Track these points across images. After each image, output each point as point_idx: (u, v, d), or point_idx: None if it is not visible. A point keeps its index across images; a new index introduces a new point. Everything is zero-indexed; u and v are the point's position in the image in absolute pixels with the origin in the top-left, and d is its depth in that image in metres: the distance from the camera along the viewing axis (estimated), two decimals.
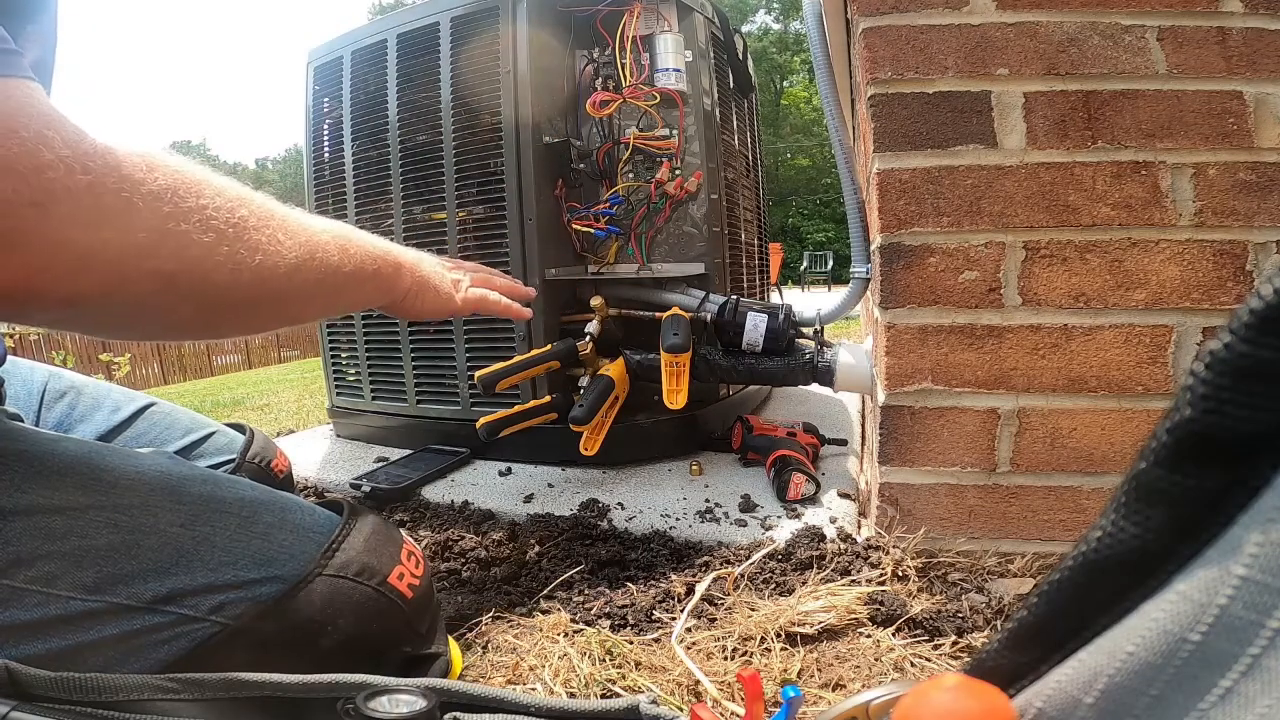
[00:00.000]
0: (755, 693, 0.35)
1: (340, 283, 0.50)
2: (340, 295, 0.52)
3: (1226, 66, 0.69)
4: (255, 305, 0.44)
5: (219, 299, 0.41)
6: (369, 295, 0.56)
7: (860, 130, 0.95)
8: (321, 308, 0.52)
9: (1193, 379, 0.14)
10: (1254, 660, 0.13)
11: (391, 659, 0.47)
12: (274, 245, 0.43)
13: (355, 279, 0.52)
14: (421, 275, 0.61)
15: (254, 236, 0.42)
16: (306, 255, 0.46)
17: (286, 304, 0.47)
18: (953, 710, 0.19)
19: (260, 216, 0.43)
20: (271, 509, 0.47)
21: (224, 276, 0.40)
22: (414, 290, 0.60)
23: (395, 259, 0.58)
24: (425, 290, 0.61)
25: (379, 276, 0.55)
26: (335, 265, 0.49)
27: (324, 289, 0.49)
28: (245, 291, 0.42)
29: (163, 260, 0.37)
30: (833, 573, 0.70)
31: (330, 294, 0.50)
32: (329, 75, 1.31)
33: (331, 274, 0.49)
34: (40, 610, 0.38)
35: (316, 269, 0.47)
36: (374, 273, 0.54)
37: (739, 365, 1.00)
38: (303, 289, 0.47)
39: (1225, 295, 0.70)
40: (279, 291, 0.45)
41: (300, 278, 0.45)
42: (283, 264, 0.44)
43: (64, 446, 0.43)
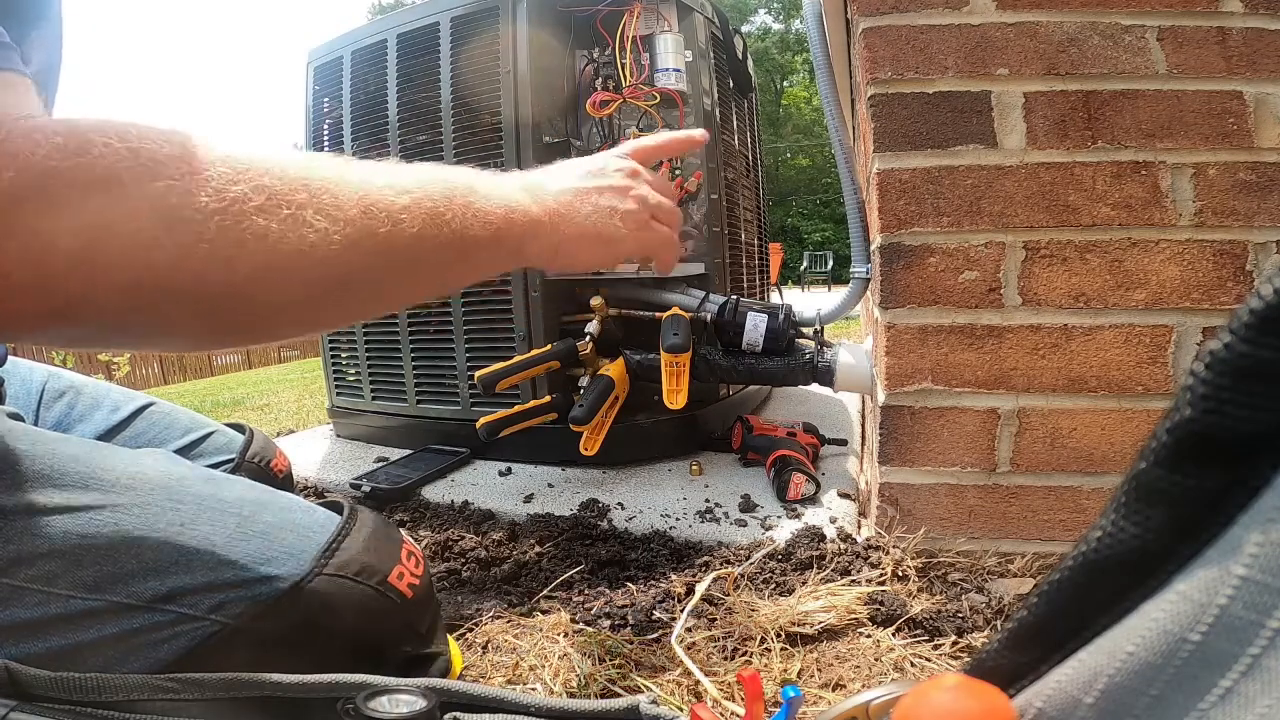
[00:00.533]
0: (755, 693, 0.35)
1: (425, 256, 0.40)
2: (428, 273, 0.42)
3: (1226, 66, 0.69)
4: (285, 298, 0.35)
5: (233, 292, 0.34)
6: (488, 263, 0.45)
7: (860, 130, 0.95)
8: (400, 291, 0.42)
9: (1193, 379, 0.14)
10: (1254, 660, 0.13)
11: (391, 659, 0.47)
12: (295, 230, 0.34)
13: (456, 249, 0.41)
14: (574, 229, 0.49)
15: (256, 222, 0.33)
16: (359, 233, 0.36)
17: (332, 291, 0.37)
18: (953, 710, 0.19)
19: (276, 190, 0.34)
20: (271, 508, 0.47)
21: (236, 266, 0.33)
22: (564, 248, 0.49)
23: (516, 215, 0.45)
24: (580, 244, 0.50)
25: (502, 241, 0.44)
26: (414, 238, 0.39)
27: (396, 267, 0.39)
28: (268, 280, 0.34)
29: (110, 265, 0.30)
30: (833, 573, 0.70)
31: (409, 273, 0.40)
32: (329, 75, 1.31)
33: (408, 248, 0.38)
34: (40, 609, 0.38)
35: (379, 248, 0.37)
36: (493, 237, 0.43)
37: (739, 365, 1.00)
38: (360, 273, 0.37)
39: (1225, 295, 0.70)
40: (319, 279, 0.36)
41: (350, 261, 0.36)
42: (311, 252, 0.35)
43: (64, 446, 0.43)
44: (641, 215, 0.54)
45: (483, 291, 1.14)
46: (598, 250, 0.52)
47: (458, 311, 1.17)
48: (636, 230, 0.53)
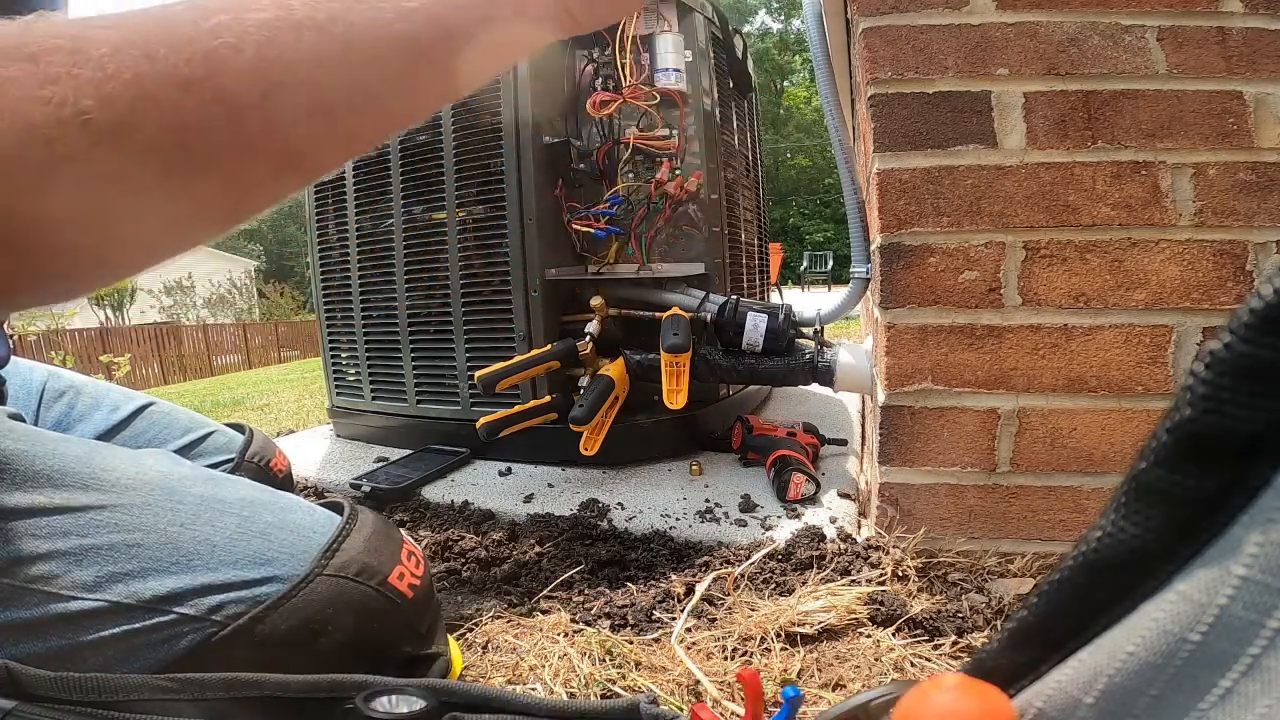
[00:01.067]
0: (755, 693, 0.35)
1: (406, 59, 0.29)
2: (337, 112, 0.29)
3: (1226, 66, 0.69)
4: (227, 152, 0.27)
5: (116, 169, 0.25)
6: (449, 70, 0.32)
7: (860, 130, 0.95)
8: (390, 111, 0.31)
9: (1193, 379, 0.14)
10: (1254, 660, 0.13)
11: (392, 659, 0.47)
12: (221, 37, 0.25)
13: (388, 62, 0.29)
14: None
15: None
16: (120, 89, 0.25)
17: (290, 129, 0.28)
18: (953, 710, 0.19)
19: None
20: (271, 509, 0.47)
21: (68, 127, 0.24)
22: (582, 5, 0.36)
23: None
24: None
25: (442, 31, 0.31)
26: (375, 41, 0.28)
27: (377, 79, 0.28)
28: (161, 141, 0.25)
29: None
30: (833, 573, 0.70)
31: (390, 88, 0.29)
32: None
33: (280, 67, 0.27)
34: (41, 609, 0.38)
35: (190, 104, 0.26)
36: (425, 29, 0.30)
37: (739, 365, 1.00)
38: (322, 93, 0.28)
39: (1225, 295, 0.70)
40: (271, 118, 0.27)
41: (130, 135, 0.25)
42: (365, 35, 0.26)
43: (65, 446, 0.43)
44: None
45: (482, 291, 1.14)
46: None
47: (458, 311, 1.17)
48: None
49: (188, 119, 0.26)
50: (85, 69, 0.24)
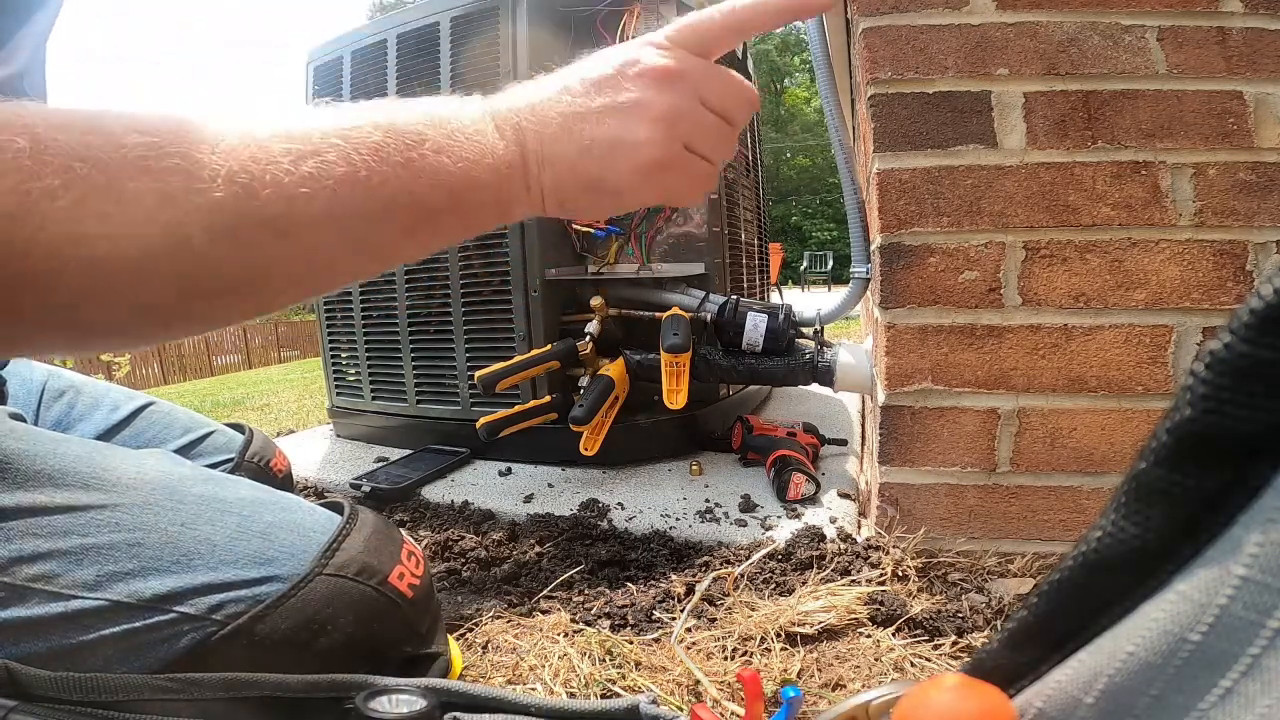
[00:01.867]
0: (755, 693, 0.35)
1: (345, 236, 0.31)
2: (354, 258, 0.33)
3: (1226, 66, 0.69)
4: (114, 325, 0.29)
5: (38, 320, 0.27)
6: (451, 231, 0.36)
7: (860, 130, 0.95)
8: (318, 284, 0.34)
9: (1193, 379, 0.14)
10: (1254, 660, 0.13)
11: (392, 659, 0.47)
12: (129, 226, 0.26)
13: (394, 222, 0.32)
14: (559, 175, 0.37)
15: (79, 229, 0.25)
16: (228, 221, 0.28)
17: (204, 304, 0.30)
18: (953, 710, 0.19)
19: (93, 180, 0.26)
20: (271, 508, 0.47)
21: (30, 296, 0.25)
22: (551, 200, 0.38)
23: (497, 171, 0.35)
24: (573, 195, 0.38)
25: (461, 209, 0.34)
26: (319, 219, 0.30)
27: (298, 260, 0.31)
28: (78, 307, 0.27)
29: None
30: (833, 573, 0.70)
31: (321, 264, 0.32)
32: (329, 75, 1.31)
33: (310, 234, 0.30)
34: (41, 608, 0.38)
35: (261, 238, 0.29)
36: (451, 204, 0.34)
37: (739, 365, 1.00)
38: (235, 275, 0.30)
39: (1225, 295, 0.70)
40: (167, 289, 0.28)
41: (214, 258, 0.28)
42: (155, 246, 0.27)
43: (66, 446, 0.43)
44: (662, 149, 0.37)
45: (482, 291, 1.14)
46: (599, 203, 0.39)
47: (458, 311, 1.17)
48: (651, 173, 0.38)
49: (255, 247, 0.29)
50: (196, 198, 0.27)
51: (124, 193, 0.26)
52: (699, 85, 0.39)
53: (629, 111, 0.37)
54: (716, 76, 0.40)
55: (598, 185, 0.38)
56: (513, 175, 0.36)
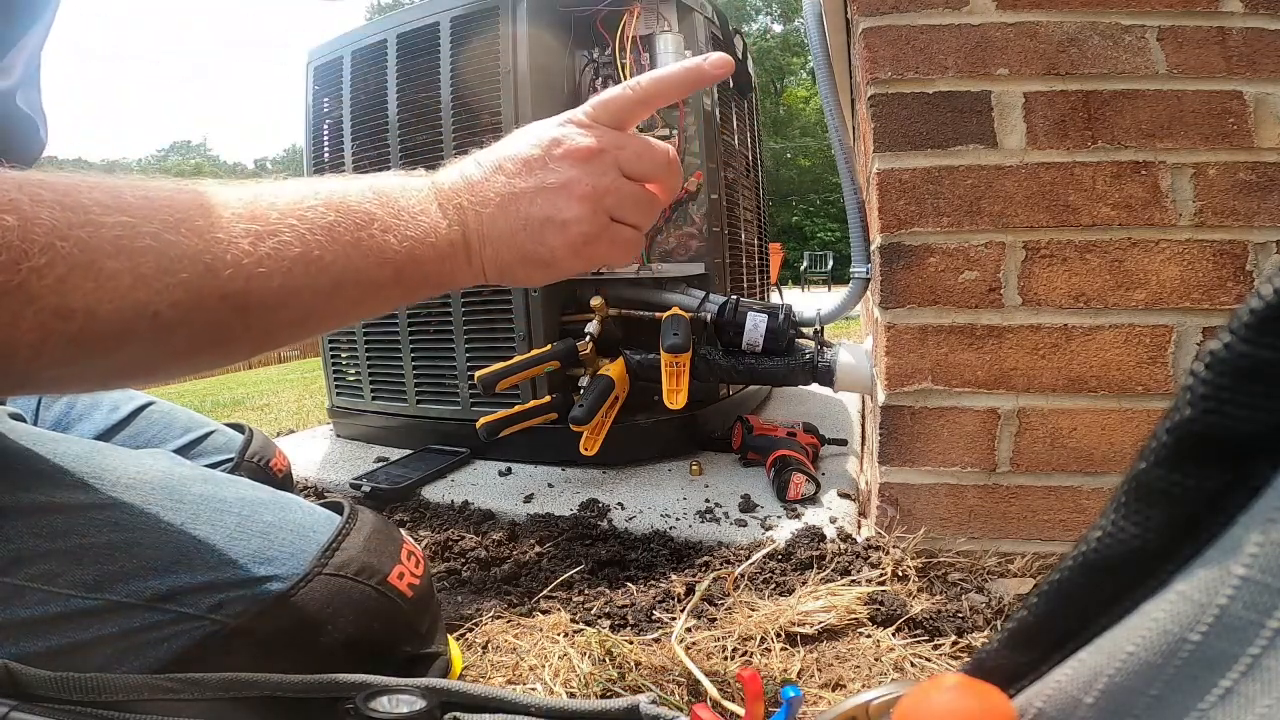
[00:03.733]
0: (755, 693, 0.35)
1: (303, 307, 0.35)
2: (303, 322, 0.36)
3: (1226, 66, 0.69)
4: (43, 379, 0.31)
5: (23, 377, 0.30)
6: (394, 300, 0.39)
7: (860, 130, 0.95)
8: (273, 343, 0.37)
9: (1193, 379, 0.14)
10: (1254, 660, 0.13)
11: (391, 658, 0.47)
12: (110, 301, 0.29)
13: (346, 297, 0.36)
14: (498, 250, 0.40)
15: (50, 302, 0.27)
16: (195, 299, 0.31)
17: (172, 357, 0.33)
18: (953, 710, 0.19)
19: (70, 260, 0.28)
20: (271, 508, 0.47)
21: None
22: (492, 271, 0.41)
23: (437, 249, 0.38)
24: (511, 267, 0.41)
25: (403, 282, 0.38)
26: (277, 294, 0.33)
27: (256, 330, 0.34)
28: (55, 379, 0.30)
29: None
30: (833, 573, 0.70)
31: (273, 332, 0.35)
32: (329, 75, 1.31)
33: (266, 310, 0.33)
34: (40, 608, 0.38)
35: (221, 312, 0.32)
36: (393, 279, 0.37)
37: (739, 365, 1.00)
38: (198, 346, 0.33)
39: (1225, 295, 0.70)
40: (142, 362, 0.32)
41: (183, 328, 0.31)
42: (108, 312, 0.29)
43: (65, 446, 0.43)
44: (589, 225, 0.41)
45: (482, 291, 1.14)
46: (534, 274, 0.42)
47: (458, 311, 1.17)
48: (580, 246, 0.41)
49: (217, 320, 0.32)
50: (166, 278, 0.30)
51: (102, 271, 0.28)
52: (618, 158, 0.42)
53: (557, 192, 0.40)
54: (633, 146, 0.43)
55: (533, 258, 0.41)
56: (454, 253, 0.39)
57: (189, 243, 0.31)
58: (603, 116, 0.43)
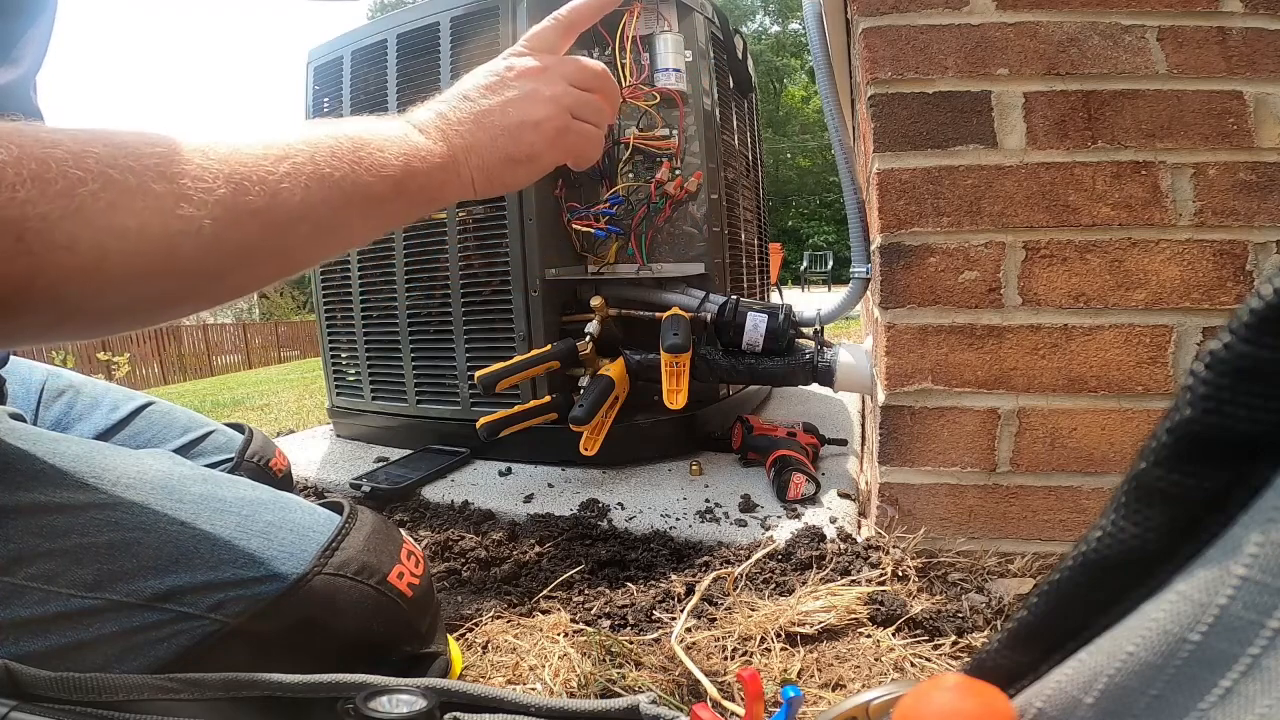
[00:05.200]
0: (755, 692, 0.35)
1: (325, 223, 0.39)
2: (330, 239, 0.40)
3: (1226, 66, 0.69)
4: (144, 300, 0.35)
5: (76, 310, 0.32)
6: (394, 216, 0.44)
7: (860, 130, 0.95)
8: (291, 264, 0.40)
9: (1193, 379, 0.14)
10: (1254, 660, 0.13)
11: (391, 658, 0.47)
12: (160, 220, 0.32)
13: (351, 209, 0.39)
14: (485, 159, 0.46)
15: (113, 219, 0.31)
16: (225, 217, 0.34)
17: (197, 284, 0.36)
18: (953, 710, 0.19)
19: (127, 184, 0.31)
20: (271, 508, 0.47)
21: (74, 288, 0.31)
22: (481, 180, 0.46)
23: (416, 159, 0.42)
24: (498, 171, 0.47)
25: (406, 189, 0.42)
26: (303, 207, 0.37)
27: (284, 246, 0.38)
28: (122, 291, 0.33)
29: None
30: (833, 573, 0.70)
31: (301, 245, 0.39)
32: (329, 75, 1.31)
33: (297, 222, 0.37)
34: (40, 607, 0.38)
35: (255, 228, 0.35)
36: (394, 187, 0.41)
37: (739, 365, 1.00)
38: (230, 258, 0.36)
39: (1225, 295, 0.70)
40: (183, 273, 0.34)
41: (221, 247, 0.35)
42: (183, 239, 0.33)
43: (65, 446, 0.43)
44: (558, 120, 0.48)
45: (482, 291, 1.14)
46: (519, 173, 0.48)
47: (458, 311, 1.17)
48: (555, 138, 0.48)
49: (246, 238, 0.36)
50: (206, 195, 0.33)
51: (149, 193, 0.32)
52: (562, 72, 0.49)
53: (524, 100, 0.48)
54: (572, 64, 0.50)
55: (516, 157, 0.47)
56: (445, 165, 0.44)
57: (218, 166, 0.34)
58: (538, 45, 0.51)
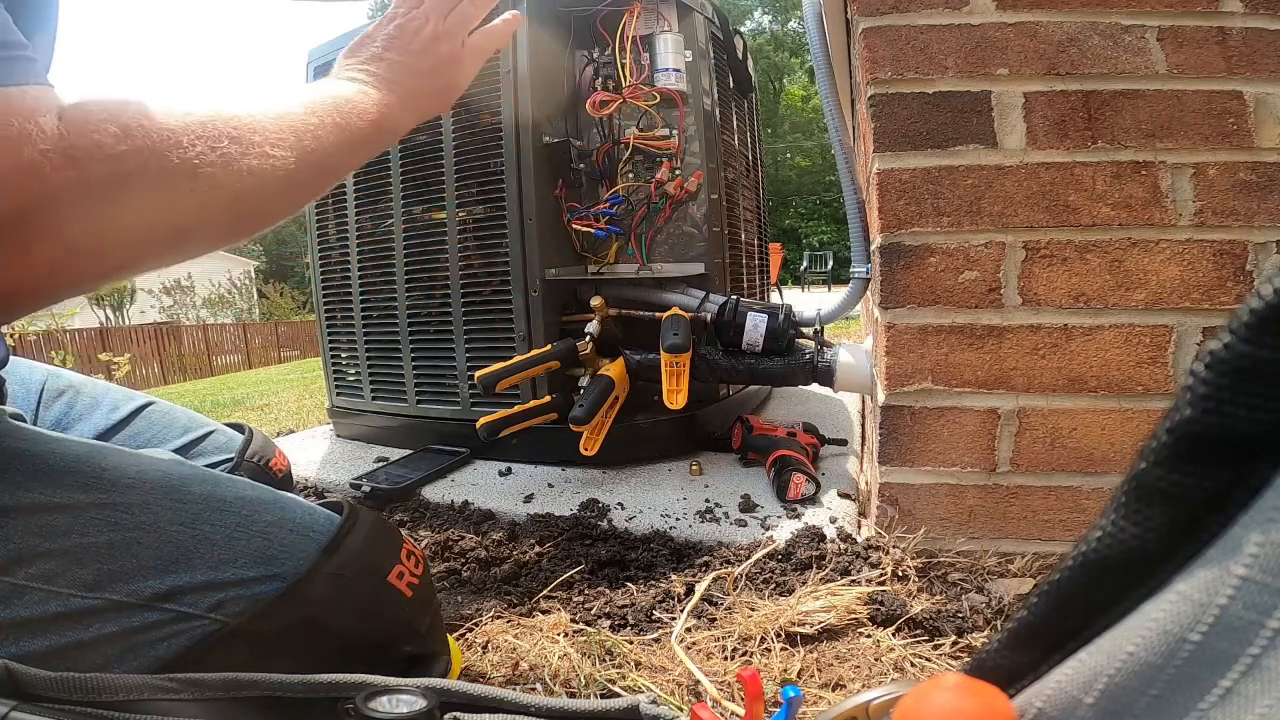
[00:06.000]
0: (755, 692, 0.35)
1: (341, 156, 0.51)
2: (344, 164, 0.53)
3: (1226, 66, 0.69)
4: (262, 214, 0.47)
5: (227, 226, 0.44)
6: (375, 147, 0.56)
7: (860, 130, 0.95)
8: (329, 181, 0.54)
9: (1193, 379, 0.14)
10: (1254, 660, 0.13)
11: (391, 658, 0.47)
12: (266, 162, 0.43)
13: (357, 145, 0.52)
14: (419, 94, 0.59)
15: (244, 164, 0.41)
16: (300, 154, 0.46)
17: (295, 197, 0.50)
18: (953, 710, 0.19)
19: (245, 139, 0.42)
20: (271, 508, 0.47)
21: (223, 211, 0.42)
22: (420, 111, 0.59)
23: (383, 106, 0.55)
24: (435, 100, 0.60)
25: (382, 128, 0.55)
26: (334, 144, 0.49)
27: (327, 169, 0.50)
28: (251, 209, 0.45)
29: (166, 219, 0.39)
30: (833, 573, 0.70)
31: (334, 169, 0.52)
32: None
33: (331, 153, 0.49)
34: (41, 607, 0.38)
35: (315, 161, 0.47)
36: (374, 127, 0.54)
37: (739, 365, 1.00)
38: (307, 181, 0.48)
39: (1225, 295, 0.70)
40: (284, 194, 0.47)
41: (301, 175, 0.46)
42: (280, 174, 0.44)
43: (66, 446, 0.43)
44: (452, 50, 0.61)
45: (482, 291, 1.14)
46: (444, 99, 0.61)
47: (458, 311, 1.17)
48: (454, 64, 0.61)
49: (310, 167, 0.47)
50: (283, 145, 0.45)
51: (253, 144, 0.43)
52: (431, 10, 0.60)
53: (425, 46, 0.59)
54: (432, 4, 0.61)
55: (439, 89, 0.60)
56: (399, 107, 0.56)
57: (286, 124, 0.46)
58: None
